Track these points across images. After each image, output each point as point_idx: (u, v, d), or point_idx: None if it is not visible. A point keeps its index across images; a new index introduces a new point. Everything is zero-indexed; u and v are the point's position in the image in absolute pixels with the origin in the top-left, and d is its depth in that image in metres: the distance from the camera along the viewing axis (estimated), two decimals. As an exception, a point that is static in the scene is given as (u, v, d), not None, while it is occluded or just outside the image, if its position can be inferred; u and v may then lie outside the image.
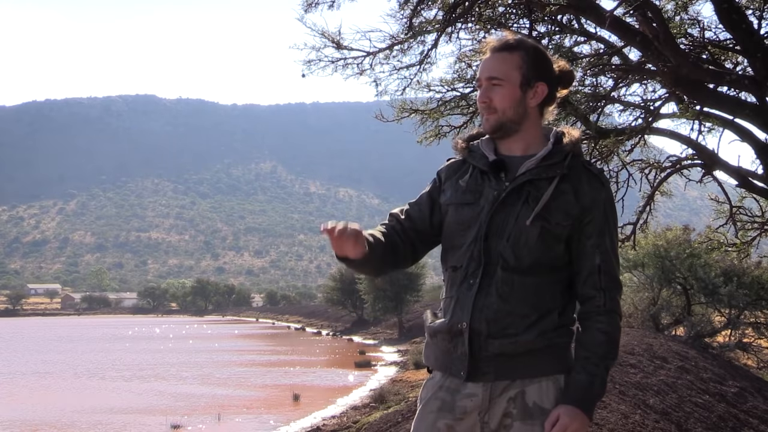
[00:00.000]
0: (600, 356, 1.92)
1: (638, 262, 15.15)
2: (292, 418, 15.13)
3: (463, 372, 1.95)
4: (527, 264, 1.94)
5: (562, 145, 2.00)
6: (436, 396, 2.01)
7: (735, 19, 5.48)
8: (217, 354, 32.87)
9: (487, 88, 1.99)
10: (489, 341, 1.93)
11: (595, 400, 1.92)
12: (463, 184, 2.03)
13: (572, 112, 6.58)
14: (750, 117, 6.08)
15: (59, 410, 16.95)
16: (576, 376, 1.91)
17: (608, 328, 1.94)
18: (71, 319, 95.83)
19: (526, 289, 1.93)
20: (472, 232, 1.98)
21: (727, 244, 9.46)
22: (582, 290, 1.98)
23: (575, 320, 2.00)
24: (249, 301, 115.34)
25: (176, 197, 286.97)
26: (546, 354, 1.94)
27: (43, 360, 30.91)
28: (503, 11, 6.64)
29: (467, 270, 1.98)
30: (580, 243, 1.97)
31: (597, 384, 1.90)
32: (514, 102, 1.98)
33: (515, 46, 1.99)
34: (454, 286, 2.01)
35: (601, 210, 1.97)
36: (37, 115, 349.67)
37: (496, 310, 1.92)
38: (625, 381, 7.21)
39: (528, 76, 1.98)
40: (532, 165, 1.97)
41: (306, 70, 6.71)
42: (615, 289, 1.98)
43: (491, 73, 1.98)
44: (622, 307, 2.01)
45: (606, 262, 1.97)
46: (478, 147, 2.07)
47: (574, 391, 1.90)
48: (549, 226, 1.93)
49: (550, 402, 1.92)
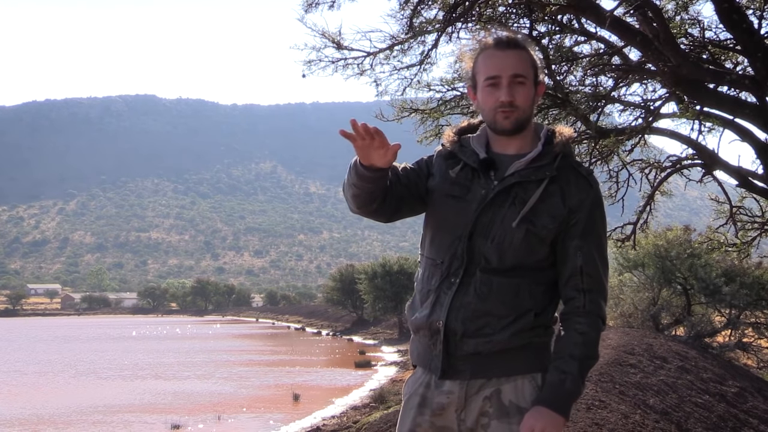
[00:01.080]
0: (574, 356, 1.88)
1: (638, 262, 15.16)
2: (292, 418, 15.14)
3: (439, 370, 1.96)
4: (509, 265, 1.93)
5: (552, 145, 1.98)
6: (417, 392, 2.02)
7: (735, 19, 5.47)
8: (217, 354, 32.86)
9: (511, 85, 1.94)
10: (464, 340, 1.93)
11: (568, 399, 1.87)
12: (453, 174, 2.01)
13: (572, 112, 6.58)
14: (750, 117, 6.08)
15: (59, 409, 16.95)
16: (548, 377, 1.90)
17: (586, 329, 1.90)
18: (71, 319, 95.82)
19: (506, 289, 1.92)
20: (457, 229, 1.96)
21: (727, 244, 9.45)
22: (564, 291, 1.96)
23: (557, 320, 1.99)
24: (249, 301, 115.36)
25: (176, 197, 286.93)
26: (522, 353, 1.93)
27: (44, 360, 30.91)
28: (503, 11, 6.63)
29: (449, 268, 1.97)
30: (563, 244, 1.95)
31: (568, 383, 1.86)
32: (531, 100, 1.98)
33: (523, 43, 1.98)
34: (433, 280, 2.00)
35: (587, 212, 1.95)
36: (37, 115, 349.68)
37: (473, 310, 1.92)
38: (625, 381, 7.20)
39: (537, 74, 1.99)
40: (521, 166, 1.95)
41: (306, 70, 6.70)
42: (597, 291, 1.94)
43: (516, 70, 1.94)
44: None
45: (589, 264, 1.94)
46: (469, 143, 2.04)
47: (544, 392, 1.89)
48: (534, 228, 1.91)
49: (526, 401, 1.91)
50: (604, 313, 1.95)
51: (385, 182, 1.94)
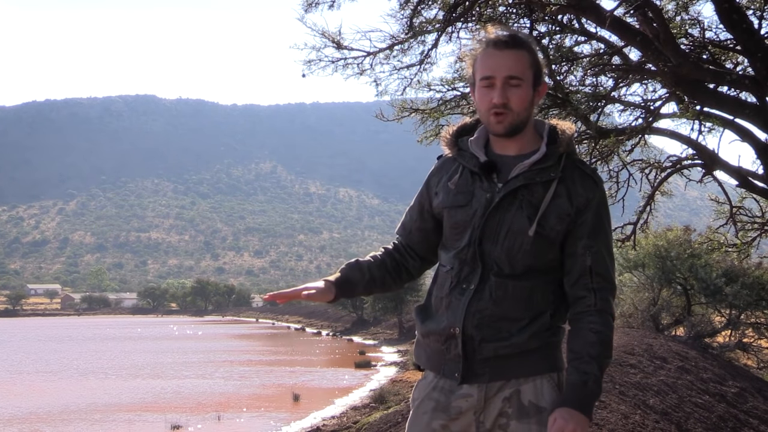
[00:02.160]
0: (592, 356, 1.88)
1: (638, 262, 15.15)
2: (292, 418, 15.15)
3: (458, 374, 1.94)
4: (521, 269, 1.92)
5: (555, 145, 1.96)
6: (430, 396, 2.00)
7: (735, 19, 5.47)
8: (217, 354, 32.86)
9: (505, 87, 1.90)
10: (483, 344, 1.92)
11: (592, 399, 1.88)
12: (452, 186, 2.00)
13: (572, 112, 6.58)
14: (750, 117, 6.07)
15: (59, 408, 16.94)
16: (569, 378, 1.89)
17: (600, 328, 1.90)
18: (71, 320, 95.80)
19: (520, 293, 1.92)
20: (466, 235, 1.95)
21: (727, 244, 9.44)
22: (573, 291, 1.95)
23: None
24: (249, 301, 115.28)
25: (176, 197, 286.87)
26: (540, 353, 1.93)
27: (44, 359, 30.90)
28: (504, 11, 6.63)
29: (460, 274, 1.96)
30: (571, 244, 1.94)
31: (591, 383, 1.87)
32: (528, 103, 1.93)
33: (524, 43, 1.93)
34: (445, 287, 2.00)
35: (594, 211, 1.94)
36: (36, 115, 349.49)
37: (490, 315, 1.91)
38: (625, 381, 7.20)
39: (537, 75, 1.94)
40: (525, 168, 1.93)
41: (306, 70, 6.70)
42: (607, 289, 1.94)
43: (511, 71, 1.89)
44: (616, 308, 1.99)
45: (598, 263, 1.93)
46: (468, 146, 2.01)
47: (568, 393, 1.88)
48: (544, 231, 1.90)
49: (545, 400, 1.91)
50: (613, 310, 1.96)
51: (370, 284, 2.14)
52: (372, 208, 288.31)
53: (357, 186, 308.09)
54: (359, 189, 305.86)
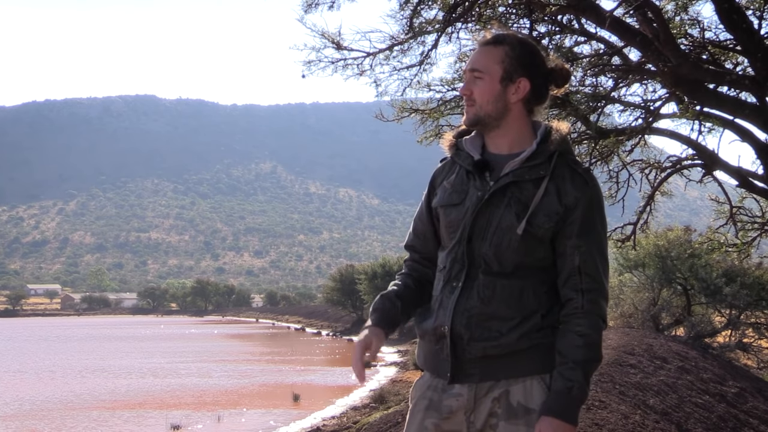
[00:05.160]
0: (577, 361, 1.86)
1: (639, 262, 15.16)
2: (292, 418, 15.15)
3: (448, 374, 1.95)
4: (511, 267, 1.92)
5: (547, 143, 1.96)
6: (425, 395, 2.01)
7: (735, 19, 5.47)
8: (217, 354, 32.87)
9: (469, 80, 1.97)
10: (472, 344, 1.92)
11: (576, 406, 1.86)
12: (447, 185, 2.02)
13: (572, 112, 6.58)
14: (750, 117, 6.07)
15: (59, 407, 16.94)
16: (554, 385, 1.87)
17: (586, 331, 1.88)
18: (71, 320, 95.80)
19: (509, 291, 1.91)
20: (456, 233, 1.96)
21: (727, 244, 9.44)
22: (563, 292, 1.94)
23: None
24: (249, 301, 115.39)
25: (176, 197, 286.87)
26: (530, 354, 1.92)
27: (44, 359, 30.91)
28: (503, 11, 6.63)
29: (450, 273, 1.97)
30: (561, 243, 1.93)
31: (575, 390, 1.85)
32: (493, 96, 1.95)
33: (501, 40, 1.97)
34: (438, 287, 2.01)
35: (584, 210, 1.92)
36: (36, 115, 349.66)
37: (478, 314, 1.91)
38: (625, 381, 7.20)
39: (510, 71, 1.95)
40: (516, 166, 1.93)
41: (306, 70, 6.69)
42: (596, 291, 1.91)
43: (473, 65, 1.97)
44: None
45: (586, 263, 1.91)
46: (464, 145, 2.04)
47: (552, 401, 1.86)
48: (531, 228, 1.90)
49: (534, 402, 1.90)
50: (604, 312, 1.93)
51: (406, 309, 2.07)
52: (372, 208, 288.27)
53: (357, 186, 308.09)
54: (359, 189, 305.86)
